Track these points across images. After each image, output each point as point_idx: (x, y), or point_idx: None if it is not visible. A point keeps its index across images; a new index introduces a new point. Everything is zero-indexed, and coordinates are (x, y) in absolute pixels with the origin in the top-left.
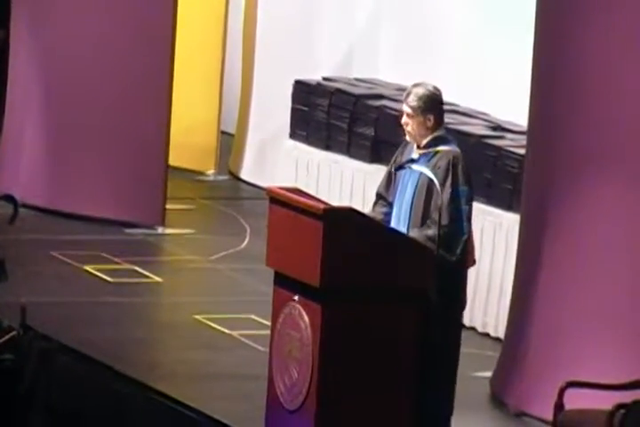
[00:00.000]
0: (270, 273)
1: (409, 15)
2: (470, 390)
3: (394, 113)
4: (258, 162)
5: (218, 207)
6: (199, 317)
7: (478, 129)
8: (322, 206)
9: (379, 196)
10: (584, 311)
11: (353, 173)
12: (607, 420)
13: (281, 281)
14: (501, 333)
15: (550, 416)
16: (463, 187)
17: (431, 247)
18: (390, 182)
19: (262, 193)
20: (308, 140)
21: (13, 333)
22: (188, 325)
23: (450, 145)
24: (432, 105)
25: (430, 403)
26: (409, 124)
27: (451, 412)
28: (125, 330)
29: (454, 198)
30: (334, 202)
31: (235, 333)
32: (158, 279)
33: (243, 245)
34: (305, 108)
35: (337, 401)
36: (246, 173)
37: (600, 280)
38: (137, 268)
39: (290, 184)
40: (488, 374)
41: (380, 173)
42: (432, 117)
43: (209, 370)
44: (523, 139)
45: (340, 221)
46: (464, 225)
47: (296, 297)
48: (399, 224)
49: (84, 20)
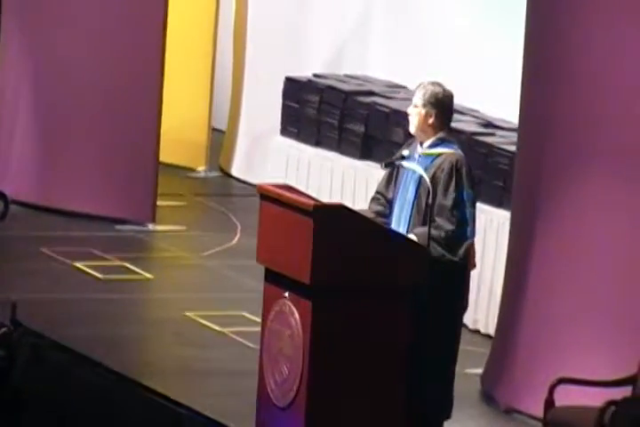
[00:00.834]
0: (261, 270)
1: (399, 12)
2: (461, 386)
3: (384, 110)
4: (248, 159)
5: (209, 204)
6: (190, 313)
7: (469, 126)
8: (312, 203)
9: (378, 193)
10: (575, 308)
11: (343, 170)
12: (597, 416)
13: (271, 278)
14: (492, 330)
15: (541, 413)
16: (468, 190)
17: (432, 246)
18: (391, 180)
19: (253, 190)
20: (299, 136)
21: (4, 329)
22: (179, 321)
23: (453, 147)
24: (437, 102)
25: (426, 403)
26: (412, 114)
27: (448, 413)
28: (116, 327)
29: (459, 202)
30: (325, 198)
31: (225, 329)
32: (149, 276)
33: (233, 241)
34: (295, 104)
35: (327, 398)
36: (237, 170)
37: (590, 277)
38: (127, 264)
39: (280, 181)
40: (479, 370)
41: (371, 170)
42: (434, 114)
43: (199, 367)
44: (513, 136)
45: (331, 217)
46: (468, 229)
47: (286, 294)
48: (399, 224)
49: (76, 18)
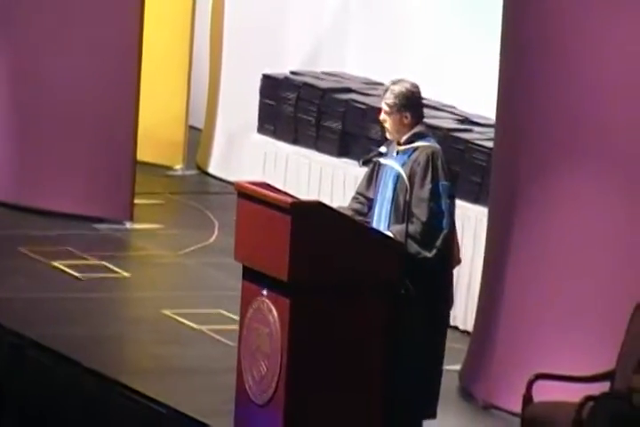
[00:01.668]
0: (239, 267)
1: (376, 9)
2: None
3: (361, 106)
4: (226, 156)
5: (186, 202)
6: (168, 311)
7: (446, 122)
8: (290, 200)
9: (357, 193)
10: (553, 304)
11: (321, 167)
12: (576, 412)
13: (249, 275)
14: (470, 326)
15: (519, 409)
16: (444, 182)
17: (409, 243)
18: (371, 180)
19: (230, 187)
20: (276, 134)
21: None
22: (157, 320)
23: (429, 141)
24: (408, 102)
25: (409, 401)
26: (386, 120)
27: (432, 411)
28: (94, 325)
29: (435, 194)
30: (302, 196)
31: (203, 327)
32: (126, 274)
33: (211, 239)
34: (272, 102)
35: (305, 395)
36: (214, 168)
37: (568, 273)
38: (105, 263)
39: (258, 178)
40: (457, 367)
41: (348, 167)
42: (409, 115)
43: (178, 365)
44: (491, 132)
45: (308, 214)
46: (444, 220)
47: (264, 291)
48: (380, 221)
49: (52, 20)
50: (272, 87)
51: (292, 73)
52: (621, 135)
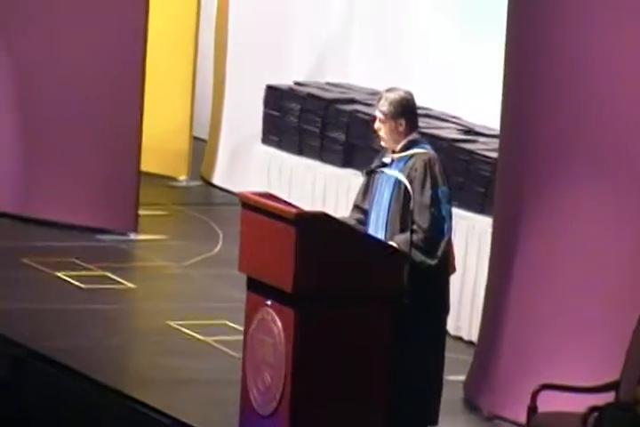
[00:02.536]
0: (243, 278)
1: (381, 20)
2: (444, 393)
3: (366, 117)
4: (230, 167)
5: (190, 213)
6: (172, 323)
7: (450, 133)
8: (294, 211)
9: (354, 206)
10: (557, 314)
11: (325, 178)
12: (581, 422)
13: (254, 286)
14: (474, 336)
15: (524, 419)
16: (443, 188)
17: (413, 253)
18: (367, 192)
19: (235, 198)
20: (281, 145)
21: None
22: (161, 331)
23: (424, 148)
24: (403, 110)
25: (411, 410)
26: (381, 129)
27: (434, 418)
28: (98, 337)
29: (435, 200)
30: (307, 207)
31: (208, 339)
32: (131, 286)
33: (215, 250)
34: (277, 113)
35: (310, 406)
36: (219, 179)
37: (573, 283)
38: (109, 274)
39: (262, 189)
40: (461, 377)
41: (352, 178)
42: (403, 122)
43: (182, 376)
44: (495, 142)
45: (313, 225)
46: (445, 226)
47: (269, 302)
48: (377, 230)
49: (58, 24)
50: (276, 98)
51: (297, 84)
52: (632, 146)
